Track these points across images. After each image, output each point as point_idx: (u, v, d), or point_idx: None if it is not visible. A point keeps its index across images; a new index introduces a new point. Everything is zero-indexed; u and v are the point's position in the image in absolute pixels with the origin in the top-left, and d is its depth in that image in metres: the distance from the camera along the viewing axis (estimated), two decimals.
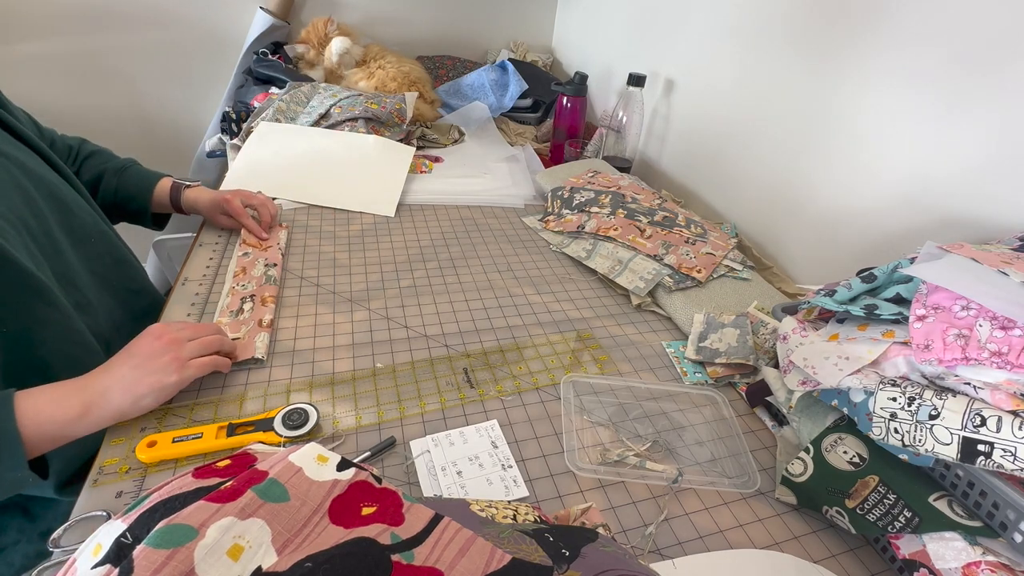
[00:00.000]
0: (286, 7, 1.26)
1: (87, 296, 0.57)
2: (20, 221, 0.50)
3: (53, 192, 0.56)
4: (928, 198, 0.62)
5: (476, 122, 1.27)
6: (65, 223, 0.57)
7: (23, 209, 0.51)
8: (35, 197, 0.53)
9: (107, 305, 0.60)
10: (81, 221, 0.60)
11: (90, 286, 0.59)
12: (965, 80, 0.57)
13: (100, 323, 0.58)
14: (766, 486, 0.51)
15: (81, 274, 0.57)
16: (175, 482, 0.31)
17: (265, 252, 0.74)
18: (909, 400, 0.40)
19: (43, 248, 0.52)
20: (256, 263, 0.71)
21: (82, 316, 0.54)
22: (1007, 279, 0.42)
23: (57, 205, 0.56)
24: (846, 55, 0.69)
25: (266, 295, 0.66)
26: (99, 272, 0.61)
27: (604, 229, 0.82)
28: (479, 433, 0.52)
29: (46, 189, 0.56)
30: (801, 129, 0.77)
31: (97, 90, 1.23)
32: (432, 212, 0.93)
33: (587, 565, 0.31)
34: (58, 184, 0.58)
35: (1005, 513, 0.37)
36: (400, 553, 0.30)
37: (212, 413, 0.52)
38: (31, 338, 0.48)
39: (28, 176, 0.54)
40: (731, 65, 0.89)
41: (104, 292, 0.61)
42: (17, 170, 0.53)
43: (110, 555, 0.27)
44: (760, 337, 0.64)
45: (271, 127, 1.01)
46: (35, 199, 0.53)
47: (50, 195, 0.56)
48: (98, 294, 0.60)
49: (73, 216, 0.59)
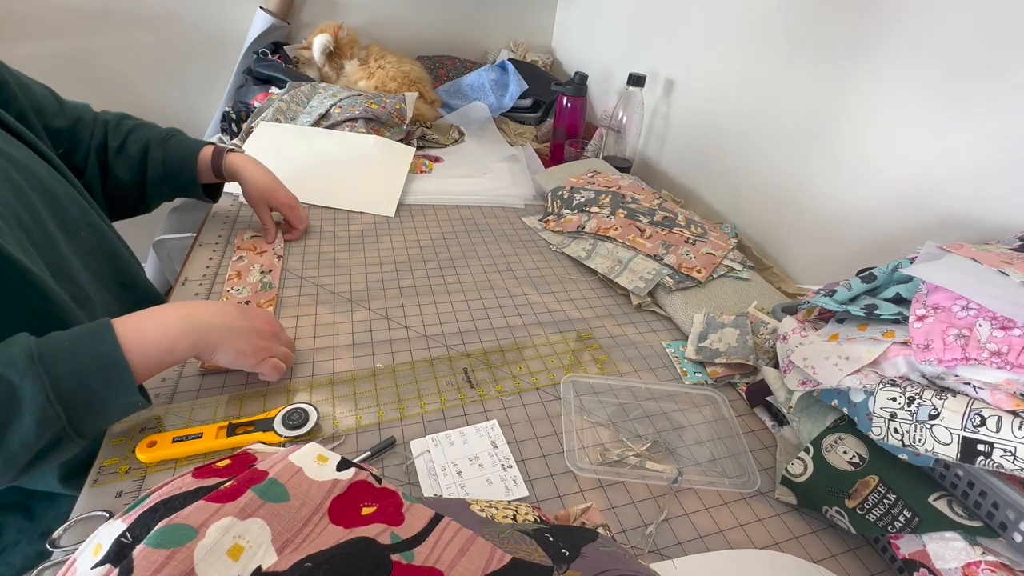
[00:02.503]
0: (286, 7, 1.26)
1: (84, 290, 0.57)
2: (13, 216, 0.50)
3: (44, 185, 0.56)
4: (928, 198, 0.62)
5: (476, 122, 1.27)
6: (57, 216, 0.57)
7: (15, 203, 0.51)
8: (27, 191, 0.53)
9: (102, 298, 0.60)
10: (72, 214, 0.59)
11: (86, 279, 0.58)
12: (965, 80, 0.57)
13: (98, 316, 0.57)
14: (766, 486, 0.51)
15: (76, 267, 0.57)
16: (175, 482, 0.31)
17: (260, 257, 0.74)
18: (909, 400, 0.40)
19: (37, 242, 0.52)
20: (251, 268, 0.71)
21: (80, 309, 0.54)
22: (1007, 279, 0.42)
23: (48, 198, 0.56)
24: (846, 55, 0.69)
25: (262, 301, 0.66)
26: (92, 266, 0.61)
27: (604, 229, 0.82)
28: (479, 433, 0.52)
29: (37, 183, 0.55)
30: (801, 129, 0.77)
31: (97, 90, 1.22)
32: (432, 212, 0.93)
33: (587, 565, 0.31)
34: (48, 177, 0.57)
35: (1005, 513, 0.37)
36: (400, 553, 0.30)
37: (212, 413, 0.52)
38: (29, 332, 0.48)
39: (18, 170, 0.53)
40: (731, 65, 0.89)
41: (98, 285, 0.60)
42: (7, 164, 0.52)
43: (110, 555, 0.27)
44: (760, 337, 0.64)
45: (271, 127, 1.01)
46: (27, 193, 0.53)
47: (41, 188, 0.55)
48: (94, 287, 0.59)
49: (64, 209, 0.58)
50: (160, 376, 0.55)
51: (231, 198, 0.88)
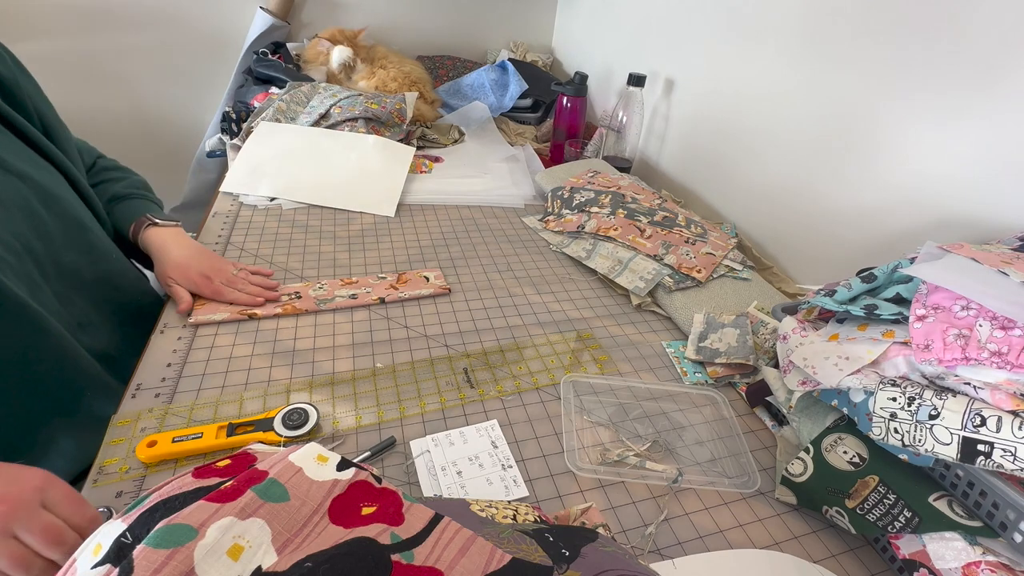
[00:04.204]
0: (286, 7, 1.26)
1: (90, 316, 0.58)
2: (23, 245, 0.51)
3: (68, 211, 0.57)
4: (928, 198, 0.62)
5: (476, 122, 1.27)
6: (84, 243, 0.58)
7: (27, 233, 0.52)
8: (44, 219, 0.54)
9: (113, 321, 0.61)
10: (102, 239, 0.61)
11: (99, 303, 0.59)
12: (966, 80, 0.57)
13: (101, 339, 0.58)
14: (766, 486, 0.51)
15: (90, 292, 0.58)
16: (175, 482, 0.31)
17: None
18: (909, 400, 0.40)
19: (44, 270, 0.53)
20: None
21: (81, 335, 0.55)
22: (1007, 279, 0.42)
23: (71, 224, 0.57)
24: (846, 56, 0.69)
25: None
26: (118, 284, 0.62)
27: (604, 229, 0.82)
28: (479, 433, 0.52)
29: (60, 208, 0.56)
30: (801, 129, 0.77)
31: (97, 90, 1.23)
32: (432, 212, 0.93)
33: (587, 565, 0.31)
34: (74, 203, 0.59)
35: (1005, 513, 0.37)
36: (400, 553, 0.30)
37: (212, 413, 0.52)
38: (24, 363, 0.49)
39: (40, 196, 0.54)
40: (731, 65, 0.89)
41: (113, 308, 0.61)
42: (29, 190, 0.53)
43: (110, 555, 0.27)
44: (760, 337, 0.64)
45: (271, 127, 1.01)
46: (44, 220, 0.54)
47: (64, 214, 0.56)
48: (108, 310, 0.61)
49: (93, 235, 0.60)
50: (160, 376, 0.55)
51: (231, 198, 0.88)
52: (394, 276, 0.73)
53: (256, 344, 0.60)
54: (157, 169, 1.32)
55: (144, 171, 0.79)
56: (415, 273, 0.74)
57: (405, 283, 0.72)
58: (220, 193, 0.89)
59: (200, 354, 0.58)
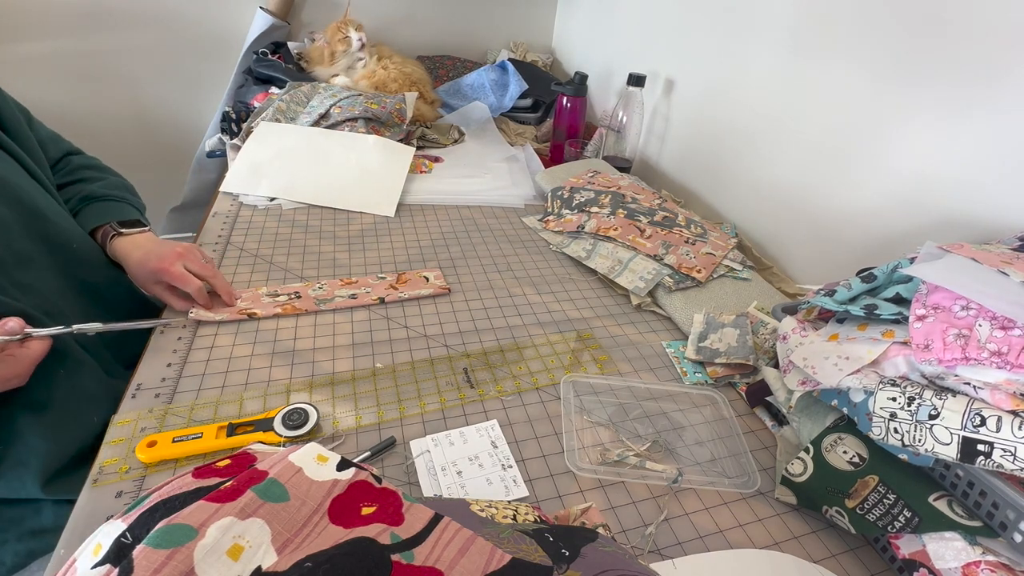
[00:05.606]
0: (286, 7, 1.26)
1: (56, 303, 0.57)
2: None
3: (22, 199, 0.56)
4: (928, 198, 0.62)
5: (476, 122, 1.27)
6: (39, 230, 0.57)
7: None
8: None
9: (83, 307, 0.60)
10: (59, 227, 0.60)
11: (64, 291, 0.59)
12: (966, 80, 0.57)
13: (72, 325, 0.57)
14: (766, 486, 0.51)
15: (52, 281, 0.57)
16: (175, 482, 0.31)
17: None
18: (909, 400, 0.40)
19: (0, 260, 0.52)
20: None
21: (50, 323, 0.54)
22: (1007, 279, 0.42)
23: (28, 212, 0.57)
24: (846, 56, 0.69)
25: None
26: (82, 276, 0.61)
27: (604, 229, 0.82)
28: (479, 433, 0.52)
29: (13, 195, 0.55)
30: (801, 129, 0.77)
31: (97, 90, 1.23)
32: (432, 212, 0.93)
33: (587, 565, 0.31)
34: (31, 191, 0.58)
35: (1005, 513, 0.37)
36: (400, 553, 0.30)
37: (212, 413, 0.52)
38: None
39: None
40: (731, 65, 0.89)
41: (83, 295, 0.61)
42: None
43: (110, 555, 0.27)
44: (760, 337, 0.64)
45: (271, 127, 1.01)
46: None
47: (18, 202, 0.56)
48: (75, 298, 0.60)
49: (49, 223, 0.59)
50: (160, 376, 0.55)
51: (231, 198, 0.88)
52: (394, 276, 0.74)
53: (256, 344, 0.60)
54: (157, 169, 1.32)
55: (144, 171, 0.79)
56: (415, 273, 0.74)
57: (405, 283, 0.72)
58: (220, 193, 0.89)
59: (200, 354, 0.58)
